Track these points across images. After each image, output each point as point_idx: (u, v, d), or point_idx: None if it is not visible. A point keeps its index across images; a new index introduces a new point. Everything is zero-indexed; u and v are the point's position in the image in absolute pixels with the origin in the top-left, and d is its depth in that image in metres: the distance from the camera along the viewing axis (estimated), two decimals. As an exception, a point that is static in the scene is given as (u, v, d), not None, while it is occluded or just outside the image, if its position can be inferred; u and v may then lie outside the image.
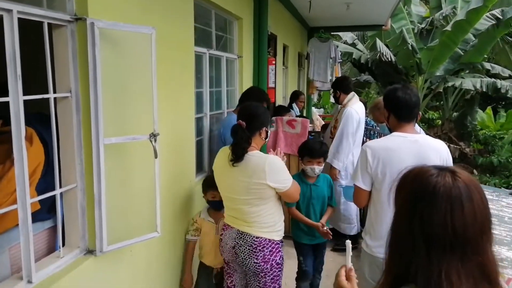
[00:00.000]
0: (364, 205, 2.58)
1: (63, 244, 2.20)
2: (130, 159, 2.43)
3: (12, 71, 1.74)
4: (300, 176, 3.36)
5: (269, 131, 2.62)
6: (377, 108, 4.65)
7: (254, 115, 2.53)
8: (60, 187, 2.14)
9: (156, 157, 2.37)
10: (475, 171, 13.59)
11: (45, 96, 1.97)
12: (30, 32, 2.07)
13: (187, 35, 3.30)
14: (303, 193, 3.20)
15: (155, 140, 2.37)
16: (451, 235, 0.96)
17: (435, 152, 2.36)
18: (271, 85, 5.77)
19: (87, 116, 2.13)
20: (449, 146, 12.92)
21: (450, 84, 12.62)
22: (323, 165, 3.39)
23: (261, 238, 2.52)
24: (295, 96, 7.15)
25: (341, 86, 4.82)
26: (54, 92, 2.05)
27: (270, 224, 2.55)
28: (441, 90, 13.18)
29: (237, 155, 2.42)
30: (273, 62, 5.86)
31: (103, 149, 2.15)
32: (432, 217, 0.98)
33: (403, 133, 2.42)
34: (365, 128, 4.88)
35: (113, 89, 2.23)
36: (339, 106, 4.93)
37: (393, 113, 2.47)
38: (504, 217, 8.48)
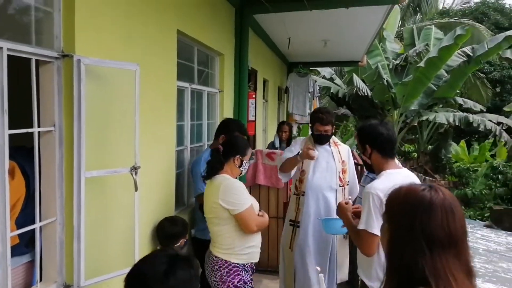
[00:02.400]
0: (374, 253, 2.40)
1: (40, 279, 2.17)
2: (110, 192, 2.45)
3: (-2, 105, 1.78)
4: None
5: (244, 161, 2.76)
6: None
7: (231, 143, 2.82)
8: (40, 220, 2.14)
9: (136, 190, 2.40)
10: (448, 190, 13.87)
11: (30, 130, 2.00)
12: (15, 66, 2.13)
13: (170, 70, 3.40)
14: None
15: (136, 173, 2.41)
16: (448, 235, 1.17)
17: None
18: (251, 118, 5.89)
19: (69, 150, 2.17)
20: (424, 179, 13.29)
21: (424, 118, 13.05)
22: None
23: (218, 258, 2.64)
24: (278, 126, 7.00)
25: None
26: (39, 126, 2.09)
27: (229, 246, 2.63)
28: (416, 124, 13.61)
29: (207, 173, 2.71)
30: (253, 96, 6.00)
31: (84, 183, 2.17)
32: (431, 222, 1.19)
33: (394, 169, 2.48)
34: None
35: (96, 123, 2.28)
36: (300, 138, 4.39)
37: (376, 149, 2.48)
38: (479, 249, 8.64)
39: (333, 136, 3.81)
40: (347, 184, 3.83)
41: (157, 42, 3.11)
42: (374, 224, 2.25)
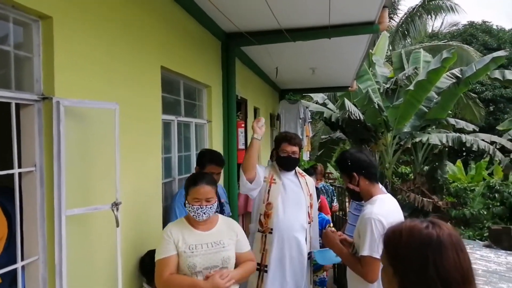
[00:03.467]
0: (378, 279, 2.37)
1: (22, 318, 2.18)
2: (92, 228, 2.49)
3: (-23, 150, 1.84)
4: None
5: (187, 203, 2.52)
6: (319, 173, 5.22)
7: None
8: (22, 259, 2.18)
9: (117, 226, 2.44)
10: (449, 224, 13.82)
11: (10, 171, 2.06)
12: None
13: (154, 105, 3.49)
14: None
15: (117, 209, 2.45)
16: (461, 275, 1.13)
17: None
18: (241, 146, 5.97)
19: (50, 189, 2.22)
20: (422, 200, 13.28)
21: (417, 139, 13.16)
22: None
23: None
24: (271, 152, 6.72)
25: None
26: (19, 166, 2.15)
27: None
28: (410, 146, 13.69)
29: None
30: (242, 125, 6.10)
31: (65, 221, 2.21)
32: (445, 262, 1.13)
33: (383, 194, 2.53)
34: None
35: (77, 161, 2.34)
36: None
37: (363, 176, 2.53)
38: (478, 270, 8.57)
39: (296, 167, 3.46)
40: (312, 221, 3.41)
41: (140, 79, 3.20)
42: (378, 249, 2.26)
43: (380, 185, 2.66)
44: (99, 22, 2.65)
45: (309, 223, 3.31)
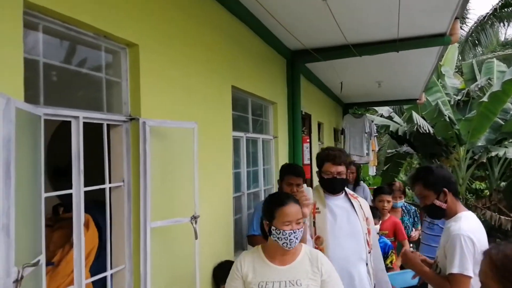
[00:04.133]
0: None
1: (112, 323, 2.36)
2: (173, 240, 2.64)
3: (76, 167, 2.05)
4: None
5: (273, 228, 2.10)
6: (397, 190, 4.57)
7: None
8: (111, 268, 2.36)
9: (196, 238, 2.57)
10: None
11: (102, 186, 2.26)
12: (87, 129, 2.43)
13: (226, 123, 3.64)
14: None
15: (196, 222, 2.58)
16: None
17: None
18: (306, 161, 5.98)
19: (136, 203, 2.39)
20: (499, 218, 12.36)
21: (493, 153, 12.32)
22: None
23: None
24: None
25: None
26: (110, 182, 2.35)
27: None
28: (485, 160, 12.85)
29: None
30: (307, 140, 6.12)
31: (149, 232, 2.37)
32: None
33: (466, 211, 2.45)
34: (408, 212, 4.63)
35: (160, 177, 2.51)
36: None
37: (451, 192, 2.45)
38: None
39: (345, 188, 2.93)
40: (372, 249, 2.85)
41: (213, 98, 3.37)
42: (469, 266, 2.22)
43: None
44: (177, 47, 2.85)
45: (369, 252, 2.78)
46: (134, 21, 2.42)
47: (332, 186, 2.78)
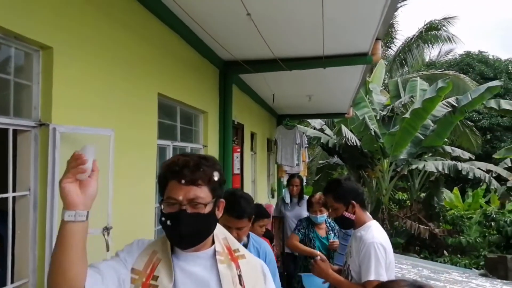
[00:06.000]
0: None
1: None
2: (84, 252, 2.53)
3: (-27, 174, 1.91)
4: None
5: None
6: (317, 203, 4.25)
7: None
8: (12, 282, 2.21)
9: (108, 250, 2.48)
10: (445, 252, 13.78)
11: (5, 195, 2.13)
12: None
13: (150, 130, 3.58)
14: None
15: (108, 234, 2.50)
16: None
17: None
18: (236, 171, 6.03)
19: (43, 212, 2.27)
20: (418, 227, 13.25)
21: (414, 166, 13.25)
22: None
23: None
24: (288, 180, 5.94)
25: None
26: (14, 191, 2.21)
27: None
28: (406, 173, 13.76)
29: None
30: (238, 150, 6.17)
31: (56, 244, 2.26)
32: None
33: (372, 220, 2.59)
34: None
35: (70, 186, 2.40)
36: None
37: (359, 204, 2.59)
38: (474, 299, 8.48)
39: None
40: None
41: (137, 105, 3.30)
42: (383, 272, 2.35)
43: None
44: (96, 51, 2.76)
45: None
46: (49, 23, 2.31)
47: (177, 232, 1.36)
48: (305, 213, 4.79)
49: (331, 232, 4.29)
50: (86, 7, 2.65)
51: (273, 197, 10.51)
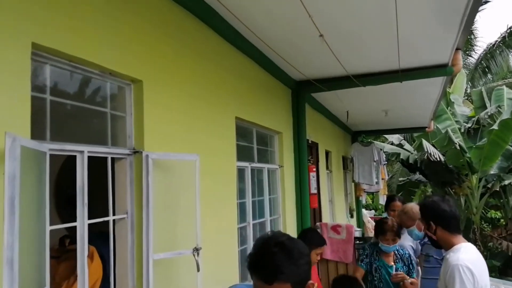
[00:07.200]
0: None
1: None
2: (175, 272, 2.67)
3: (80, 200, 2.12)
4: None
5: None
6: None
7: None
8: (113, 299, 2.39)
9: (198, 270, 2.59)
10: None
11: (106, 218, 2.32)
12: (93, 161, 2.51)
13: (230, 153, 3.71)
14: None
15: (198, 254, 2.61)
16: None
17: None
18: (313, 191, 5.98)
19: (139, 234, 2.44)
20: (516, 249, 12.03)
21: (506, 182, 12.15)
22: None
23: None
24: (386, 203, 4.97)
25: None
26: (113, 214, 2.41)
27: None
28: (498, 189, 12.66)
29: None
30: (314, 169, 6.14)
31: (152, 264, 2.41)
32: None
33: (465, 243, 2.49)
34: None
35: (162, 209, 2.56)
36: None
37: (441, 226, 2.52)
38: None
39: None
40: None
41: (217, 130, 3.46)
42: None
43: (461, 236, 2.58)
44: (180, 82, 2.96)
45: None
46: (138, 59, 2.53)
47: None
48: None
49: (399, 261, 3.68)
50: (170, 42, 2.87)
51: (352, 216, 10.23)
